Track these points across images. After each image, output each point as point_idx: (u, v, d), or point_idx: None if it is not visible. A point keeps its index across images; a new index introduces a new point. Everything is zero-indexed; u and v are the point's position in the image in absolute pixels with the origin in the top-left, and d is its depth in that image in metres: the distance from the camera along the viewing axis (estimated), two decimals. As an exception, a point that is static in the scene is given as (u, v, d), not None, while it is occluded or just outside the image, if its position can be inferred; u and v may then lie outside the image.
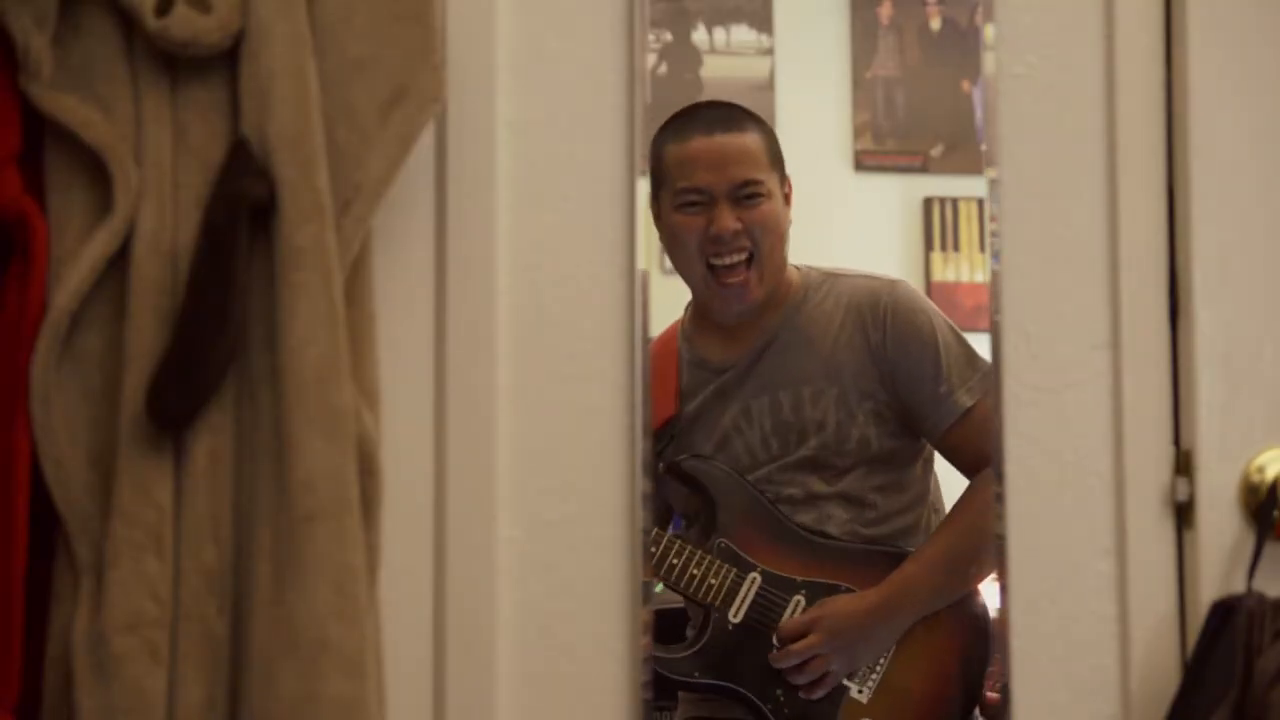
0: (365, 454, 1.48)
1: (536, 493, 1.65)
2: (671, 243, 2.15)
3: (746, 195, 2.12)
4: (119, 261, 1.47)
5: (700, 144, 2.15)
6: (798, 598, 2.11)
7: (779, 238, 2.16)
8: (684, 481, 2.16)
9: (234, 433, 1.47)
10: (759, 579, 2.11)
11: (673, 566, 2.09)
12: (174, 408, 1.44)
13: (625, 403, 1.67)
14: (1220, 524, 1.69)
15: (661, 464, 2.16)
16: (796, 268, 2.21)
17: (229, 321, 1.44)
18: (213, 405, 1.45)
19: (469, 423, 1.62)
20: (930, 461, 2.18)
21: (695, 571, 2.10)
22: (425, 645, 1.60)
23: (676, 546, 2.10)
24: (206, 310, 1.44)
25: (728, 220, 2.11)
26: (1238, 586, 1.65)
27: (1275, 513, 1.67)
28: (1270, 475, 1.68)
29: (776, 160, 2.16)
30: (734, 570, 2.10)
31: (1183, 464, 1.70)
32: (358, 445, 1.47)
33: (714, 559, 2.11)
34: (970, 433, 2.03)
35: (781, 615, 2.11)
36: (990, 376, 1.84)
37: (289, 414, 1.43)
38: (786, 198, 2.18)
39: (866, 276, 2.21)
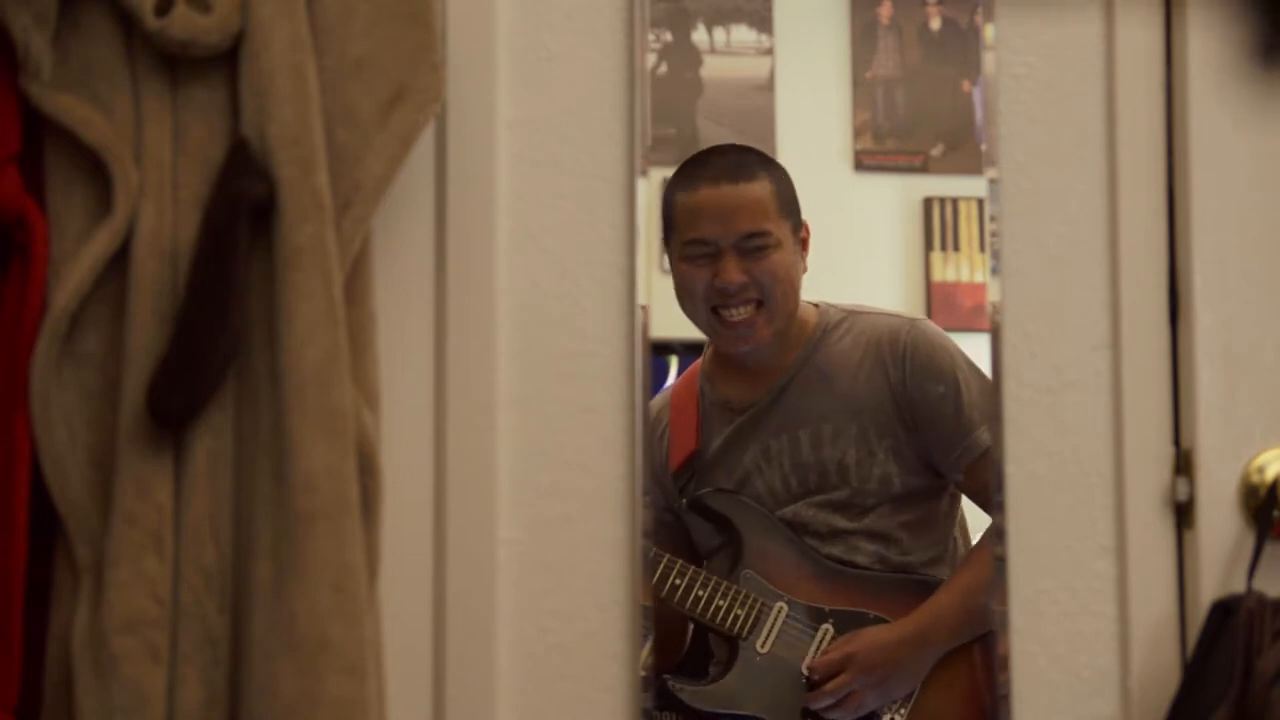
0: (365, 454, 1.48)
1: (536, 493, 1.65)
2: (679, 290, 2.15)
3: (754, 247, 2.11)
4: (119, 261, 1.47)
5: (706, 194, 2.14)
6: (825, 626, 2.10)
7: (789, 286, 2.15)
8: (707, 516, 2.16)
9: (234, 433, 1.47)
10: (786, 609, 2.10)
11: (698, 598, 2.09)
12: (174, 408, 1.44)
13: (625, 403, 1.67)
14: (1220, 524, 1.69)
15: (684, 500, 2.16)
16: (815, 305, 2.20)
17: (229, 321, 1.44)
18: (213, 405, 1.45)
19: (469, 423, 1.62)
20: (957, 496, 2.18)
21: (721, 602, 2.09)
22: (425, 645, 1.60)
23: (702, 578, 2.09)
24: (206, 310, 1.44)
25: (732, 273, 2.11)
26: (1238, 586, 1.65)
27: (1275, 513, 1.67)
28: (1270, 475, 1.68)
29: (788, 207, 2.15)
30: (760, 600, 2.10)
31: (1183, 464, 1.70)
32: (358, 445, 1.47)
33: (740, 589, 2.10)
34: (991, 471, 2.04)
35: (810, 644, 2.10)
36: None
37: (289, 414, 1.43)
38: (804, 243, 2.17)
39: (887, 314, 2.21)
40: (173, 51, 1.48)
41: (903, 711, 2.10)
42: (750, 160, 2.18)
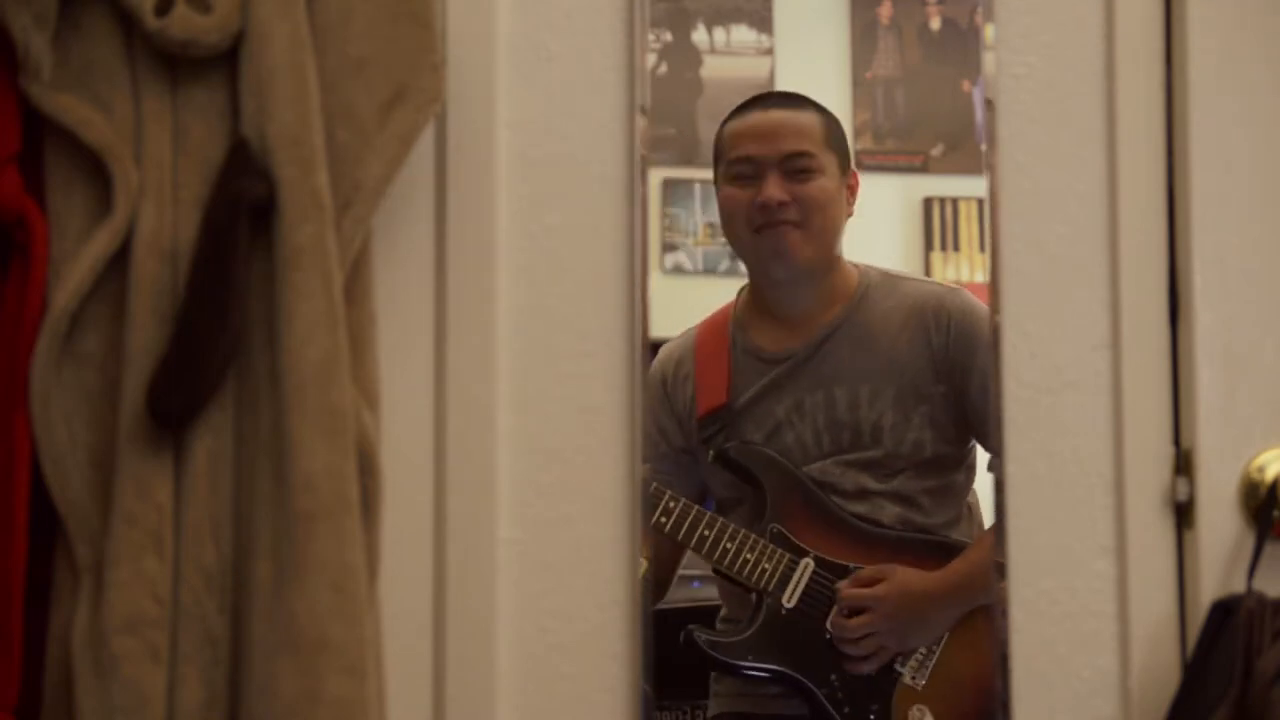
0: (365, 454, 1.48)
1: (536, 493, 1.65)
2: (722, 215, 2.16)
3: (798, 168, 2.13)
4: (119, 261, 1.47)
5: (755, 118, 2.17)
6: None
7: (830, 217, 2.15)
8: (732, 469, 2.16)
9: (234, 432, 1.47)
10: (812, 565, 2.11)
11: (726, 550, 2.09)
12: (174, 408, 1.44)
13: (625, 402, 1.67)
14: (1220, 524, 1.69)
15: (711, 451, 2.16)
16: (855, 266, 2.21)
17: (229, 321, 1.44)
18: (213, 405, 1.45)
19: (469, 423, 1.62)
20: (973, 468, 2.19)
21: (749, 556, 2.10)
22: (425, 645, 1.60)
23: (730, 530, 2.09)
24: (206, 310, 1.44)
25: (775, 190, 2.12)
26: (1238, 586, 1.65)
27: (1275, 513, 1.67)
28: (1270, 475, 1.68)
29: (836, 143, 2.17)
30: (787, 555, 2.10)
31: (1183, 464, 1.70)
32: (358, 445, 1.46)
33: (767, 543, 2.10)
34: None
35: (834, 601, 2.10)
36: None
37: (289, 414, 1.43)
38: (851, 190, 2.18)
39: (926, 281, 2.22)
40: (173, 51, 1.48)
41: (925, 669, 2.11)
42: (802, 98, 2.21)
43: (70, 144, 1.48)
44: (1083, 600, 1.70)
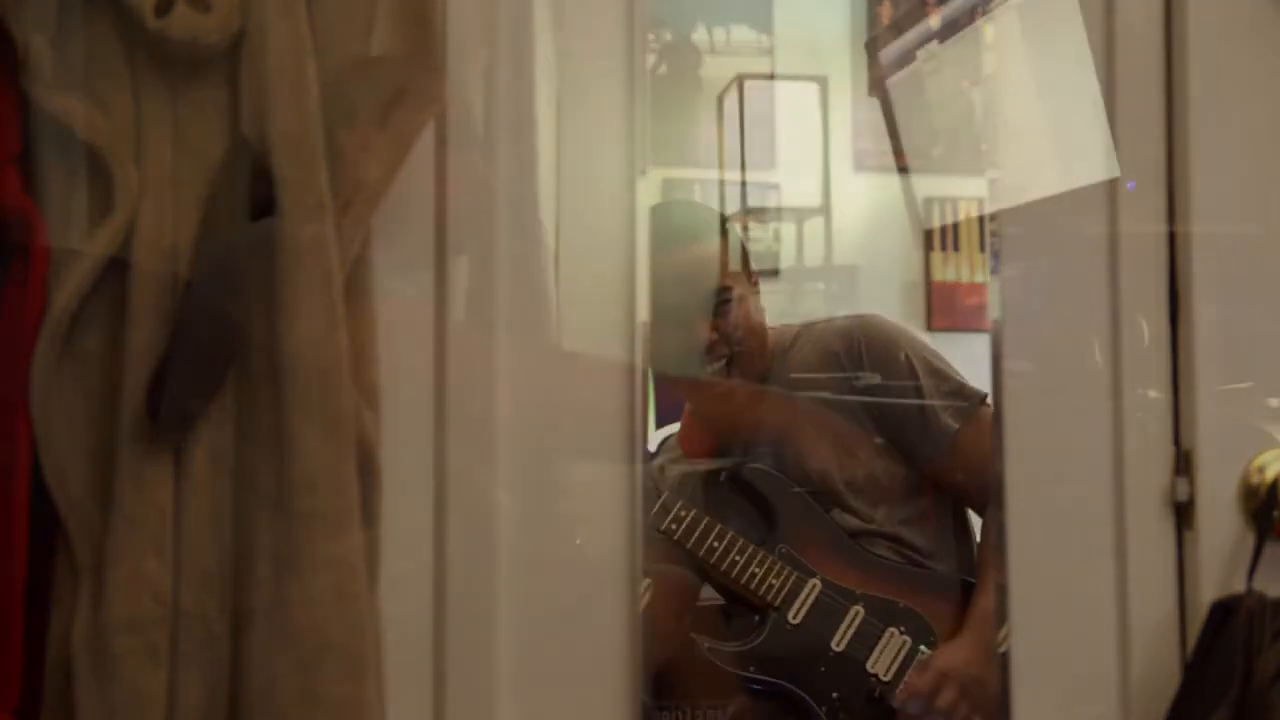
0: (365, 454, 1.48)
1: (537, 493, 1.65)
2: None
3: (719, 302, 2.15)
4: (119, 261, 1.47)
5: (666, 261, 2.17)
6: (856, 608, 2.13)
7: (754, 332, 2.19)
8: (743, 491, 2.18)
9: (234, 432, 1.47)
10: (819, 585, 2.13)
11: (735, 562, 2.12)
12: (174, 408, 1.43)
13: (625, 403, 1.67)
14: (1220, 524, 1.69)
15: (723, 474, 2.19)
16: (771, 329, 2.24)
17: (229, 321, 1.44)
18: (213, 405, 1.45)
19: (469, 423, 1.62)
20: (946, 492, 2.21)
21: (757, 570, 2.13)
22: (425, 645, 1.60)
23: (740, 544, 2.12)
24: (206, 310, 1.44)
25: (702, 333, 2.15)
26: (1238, 586, 1.65)
27: (1275, 513, 1.67)
28: (1270, 475, 1.68)
29: (741, 258, 2.20)
30: (795, 574, 2.12)
31: (1183, 464, 1.70)
32: (358, 445, 1.46)
33: (775, 560, 2.13)
34: (964, 460, 2.05)
35: (840, 622, 2.13)
36: (975, 395, 1.85)
37: (289, 414, 1.43)
38: (754, 284, 2.21)
39: (836, 319, 2.24)
40: (173, 51, 1.48)
41: None
42: (701, 214, 2.23)
43: (70, 144, 1.48)
44: (1083, 600, 1.70)
